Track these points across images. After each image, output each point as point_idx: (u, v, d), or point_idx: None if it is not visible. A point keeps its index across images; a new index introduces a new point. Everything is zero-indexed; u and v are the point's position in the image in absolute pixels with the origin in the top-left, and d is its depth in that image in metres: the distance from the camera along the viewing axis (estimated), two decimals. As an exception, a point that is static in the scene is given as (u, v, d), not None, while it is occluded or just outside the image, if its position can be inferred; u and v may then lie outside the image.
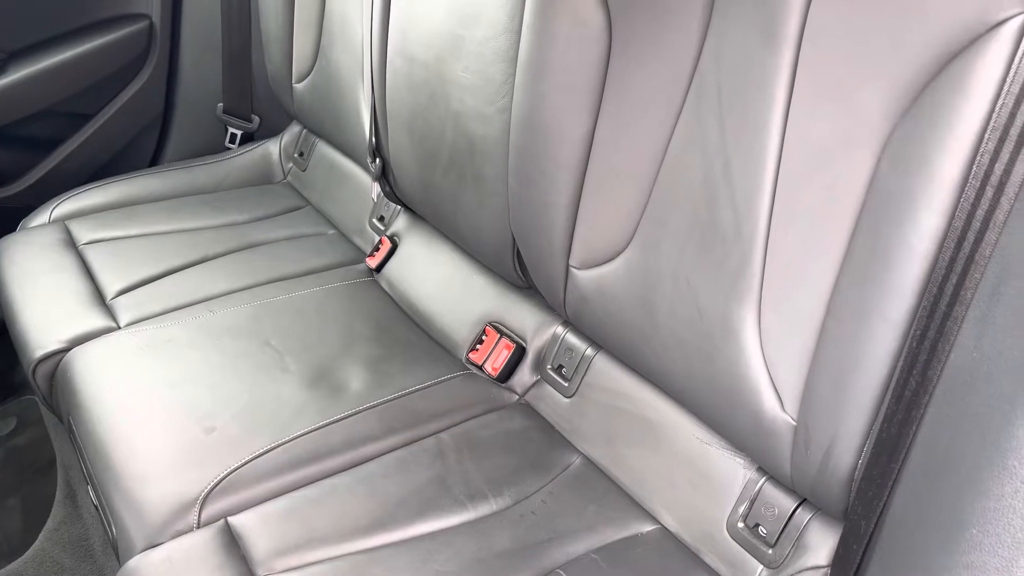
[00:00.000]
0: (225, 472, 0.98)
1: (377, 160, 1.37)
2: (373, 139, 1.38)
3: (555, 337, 1.15)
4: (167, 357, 1.17)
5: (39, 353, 1.21)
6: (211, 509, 0.95)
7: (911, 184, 0.62)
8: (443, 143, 1.18)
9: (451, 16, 1.11)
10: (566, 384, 1.11)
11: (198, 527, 0.94)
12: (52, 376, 1.22)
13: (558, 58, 0.94)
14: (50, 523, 1.40)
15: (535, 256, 1.08)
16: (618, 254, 0.97)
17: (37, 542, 1.37)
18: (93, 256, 1.44)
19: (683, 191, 0.88)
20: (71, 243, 1.48)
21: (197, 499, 0.95)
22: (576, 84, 0.94)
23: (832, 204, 0.73)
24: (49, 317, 1.28)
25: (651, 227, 0.93)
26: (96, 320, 1.27)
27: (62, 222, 1.54)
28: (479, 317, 1.23)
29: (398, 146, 1.30)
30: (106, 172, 1.74)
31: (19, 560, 1.34)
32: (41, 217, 1.56)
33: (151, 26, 1.73)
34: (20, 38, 1.65)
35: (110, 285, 1.36)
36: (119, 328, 1.26)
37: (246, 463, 1.00)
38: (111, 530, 0.98)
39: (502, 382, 1.17)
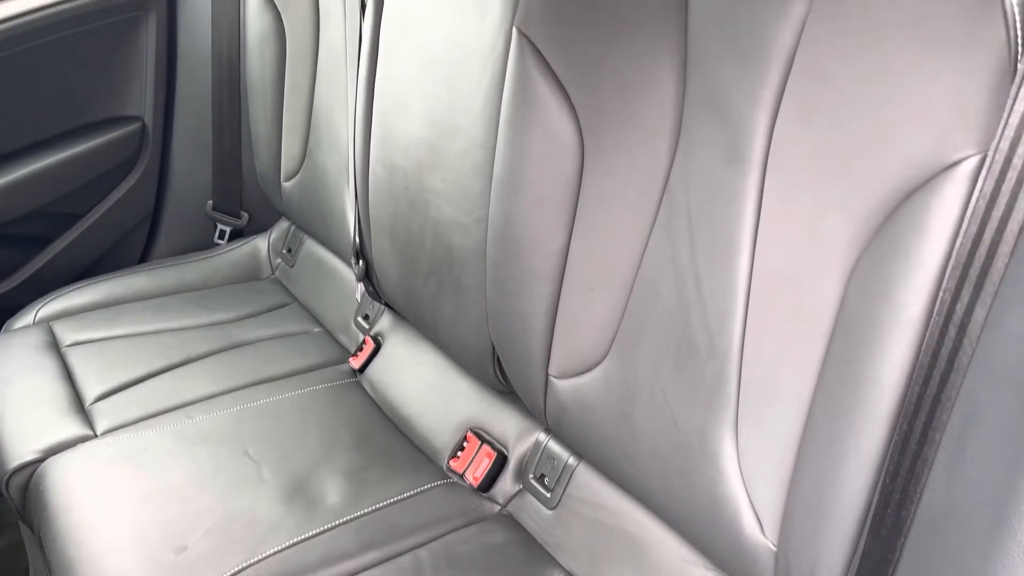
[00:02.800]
0: (195, 593, 0.95)
1: (361, 262, 1.38)
2: (357, 240, 1.38)
3: (537, 444, 1.13)
4: (142, 468, 1.15)
5: (12, 464, 1.19)
6: (177, 636, 0.92)
7: (877, 315, 0.61)
8: (423, 251, 1.18)
9: (429, 128, 1.13)
10: (548, 495, 1.08)
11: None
12: (26, 487, 1.20)
13: (532, 173, 0.95)
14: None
15: (514, 364, 1.07)
16: (596, 364, 0.97)
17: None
18: (75, 358, 1.43)
19: (657, 306, 0.88)
20: (54, 345, 1.47)
21: (163, 625, 0.92)
22: (550, 198, 0.95)
23: (803, 326, 0.72)
24: (25, 425, 1.26)
25: (628, 340, 0.92)
26: (73, 428, 1.25)
27: (46, 323, 1.54)
28: (460, 422, 1.21)
29: (380, 250, 1.30)
30: (95, 271, 1.75)
31: None
32: (26, 318, 1.56)
33: (143, 128, 1.76)
34: (13, 139, 1.68)
35: (90, 389, 1.35)
36: (95, 436, 1.24)
37: (220, 581, 0.97)
38: None
39: (483, 492, 1.14)
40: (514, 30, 0.95)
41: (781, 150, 0.73)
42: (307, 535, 1.04)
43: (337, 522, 1.06)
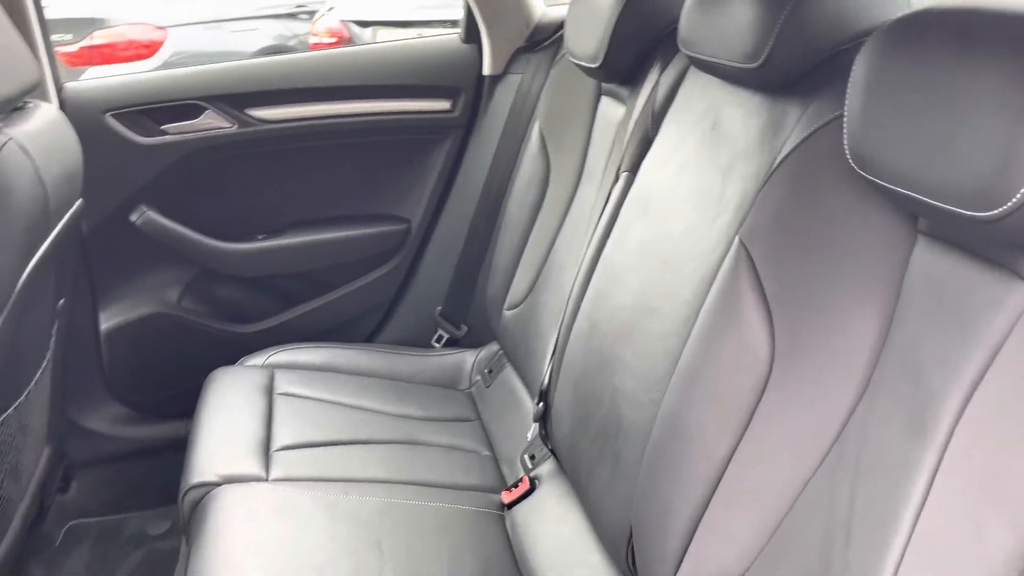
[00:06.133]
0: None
1: (542, 403, 1.42)
2: (546, 381, 1.44)
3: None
4: (288, 523, 1.25)
5: (194, 480, 1.35)
6: None
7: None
8: (597, 412, 1.20)
9: (637, 302, 1.17)
10: None
11: None
12: (197, 503, 1.34)
13: (716, 374, 0.95)
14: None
15: (645, 556, 1.04)
16: (729, 586, 0.92)
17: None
18: (281, 407, 1.60)
19: (801, 549, 0.83)
20: (269, 390, 1.66)
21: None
22: (727, 404, 0.94)
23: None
24: (218, 449, 1.43)
25: (766, 568, 0.87)
26: (252, 466, 1.39)
27: (272, 368, 1.74)
28: (580, 595, 1.18)
29: (562, 398, 1.34)
30: (326, 337, 1.95)
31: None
32: (259, 359, 1.78)
33: (408, 230, 1.99)
34: (307, 210, 1.98)
35: (281, 438, 1.50)
36: (266, 480, 1.37)
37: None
38: None
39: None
40: (737, 239, 0.98)
41: (966, 439, 0.68)
42: (397, 646, 1.06)
43: (428, 645, 1.07)
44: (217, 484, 1.34)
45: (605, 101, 1.59)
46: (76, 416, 1.89)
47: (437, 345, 1.99)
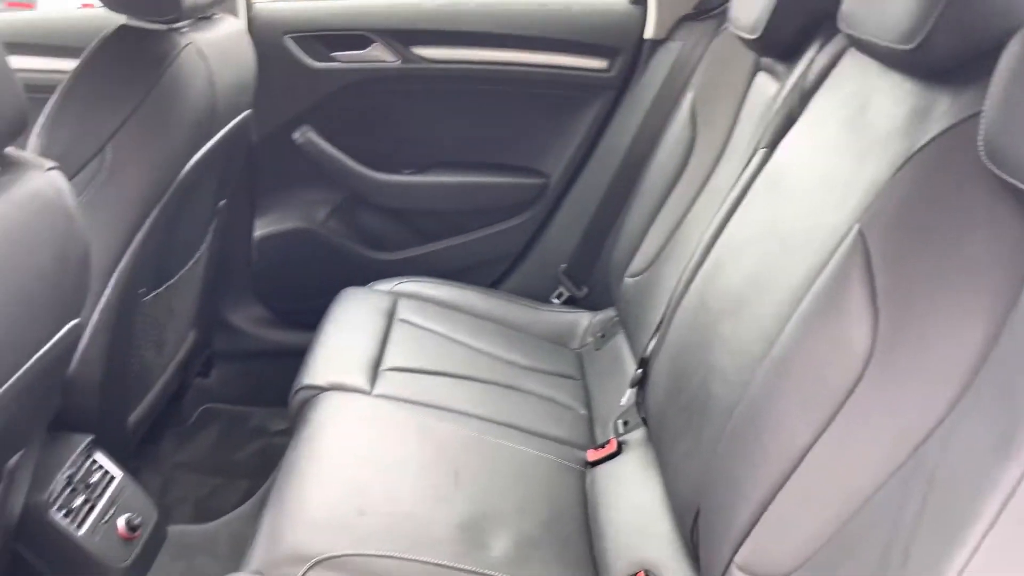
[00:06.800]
0: (350, 552, 1.08)
1: (641, 371, 1.42)
2: (648, 351, 1.43)
3: (696, 627, 1.07)
4: (379, 436, 1.33)
5: (305, 381, 1.45)
6: (318, 572, 1.05)
7: None
8: (689, 386, 1.19)
9: (747, 281, 1.14)
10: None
11: (300, 579, 1.04)
12: (305, 403, 1.45)
13: (806, 364, 0.93)
14: (240, 509, 1.63)
15: (707, 534, 1.03)
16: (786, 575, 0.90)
17: (223, 520, 1.60)
18: (397, 332, 1.68)
19: (863, 549, 0.80)
20: (391, 314, 1.75)
21: (314, 557, 1.06)
22: (813, 396, 0.91)
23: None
24: (332, 358, 1.53)
25: (823, 567, 0.85)
26: (359, 379, 1.48)
27: (396, 296, 1.83)
28: (640, 560, 1.19)
29: (660, 369, 1.34)
30: (453, 276, 2.02)
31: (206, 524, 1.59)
32: (386, 285, 1.87)
33: (546, 184, 2.01)
34: (452, 152, 2.04)
35: (391, 359, 1.58)
36: (369, 394, 1.45)
37: (369, 556, 1.08)
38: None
39: (624, 635, 1.11)
40: (856, 227, 0.93)
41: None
42: (454, 565, 1.11)
43: (483, 571, 1.11)
44: (325, 389, 1.44)
45: (761, 78, 1.53)
46: (224, 312, 2.08)
47: (556, 302, 2.02)
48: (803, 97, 1.24)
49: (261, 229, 2.06)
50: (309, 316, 1.74)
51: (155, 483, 1.76)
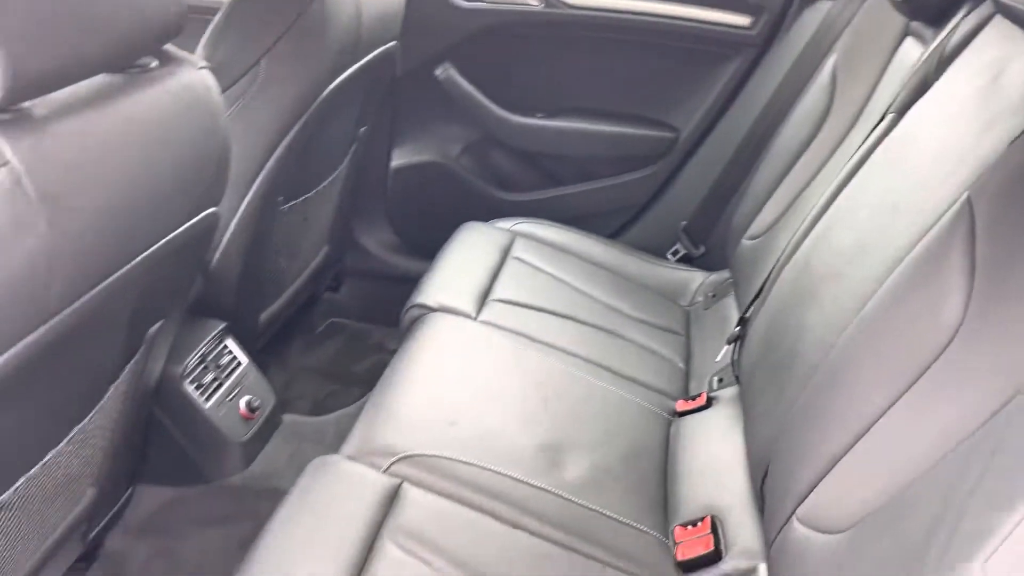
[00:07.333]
0: (435, 453, 1.17)
1: (739, 328, 1.43)
2: (748, 311, 1.43)
3: (753, 571, 1.09)
4: (477, 358, 1.41)
5: (417, 300, 1.55)
6: (401, 467, 1.15)
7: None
8: (781, 344, 1.19)
9: (856, 243, 1.13)
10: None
11: (383, 471, 1.14)
12: (414, 321, 1.55)
13: (892, 331, 0.92)
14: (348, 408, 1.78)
15: (774, 491, 1.05)
16: (840, 531, 0.91)
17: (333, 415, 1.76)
18: (510, 267, 1.75)
19: (915, 517, 0.80)
20: (507, 251, 1.82)
21: (401, 452, 1.16)
22: (894, 363, 0.90)
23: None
24: (446, 282, 1.62)
25: (874, 530, 0.85)
26: (467, 304, 1.57)
27: (515, 235, 1.89)
28: (710, 505, 1.22)
29: (757, 329, 1.34)
30: (573, 222, 2.06)
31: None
32: (507, 224, 1.94)
33: (676, 139, 2.01)
34: (585, 99, 2.07)
35: (500, 291, 1.65)
36: (474, 319, 1.53)
37: (451, 459, 1.17)
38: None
39: (683, 572, 1.15)
40: (965, 195, 0.91)
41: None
42: (529, 481, 1.18)
43: (555, 491, 1.18)
44: (434, 309, 1.53)
45: (908, 43, 1.47)
46: (357, 233, 2.22)
47: (671, 258, 2.03)
48: (940, 63, 1.19)
49: (398, 159, 2.18)
50: (434, 246, 1.85)
51: (280, 379, 1.94)
